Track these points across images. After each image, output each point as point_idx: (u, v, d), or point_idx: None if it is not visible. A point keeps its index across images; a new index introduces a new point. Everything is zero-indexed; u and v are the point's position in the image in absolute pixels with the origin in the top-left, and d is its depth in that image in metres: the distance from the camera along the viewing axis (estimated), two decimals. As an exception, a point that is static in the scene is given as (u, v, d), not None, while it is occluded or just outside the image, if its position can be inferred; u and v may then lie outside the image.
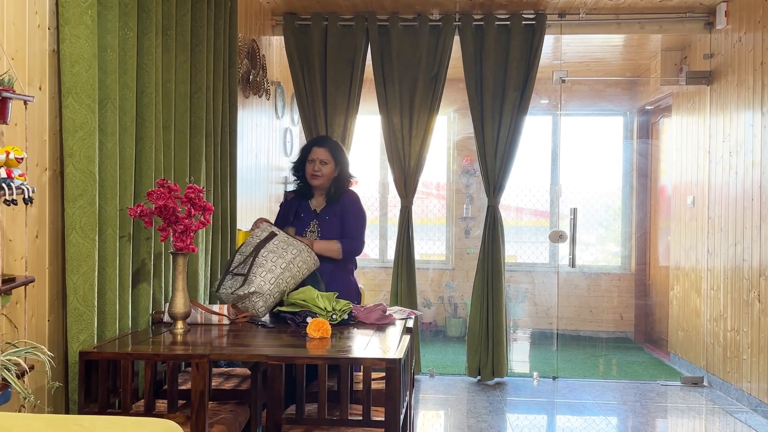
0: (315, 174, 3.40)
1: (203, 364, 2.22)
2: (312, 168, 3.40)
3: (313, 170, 3.40)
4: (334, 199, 3.46)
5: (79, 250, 2.36)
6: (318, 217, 3.45)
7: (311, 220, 3.45)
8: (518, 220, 7.30)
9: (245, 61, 4.56)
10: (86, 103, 2.37)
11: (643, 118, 6.93)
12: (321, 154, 3.41)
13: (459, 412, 4.40)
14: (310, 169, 3.41)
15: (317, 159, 3.39)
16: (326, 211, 3.46)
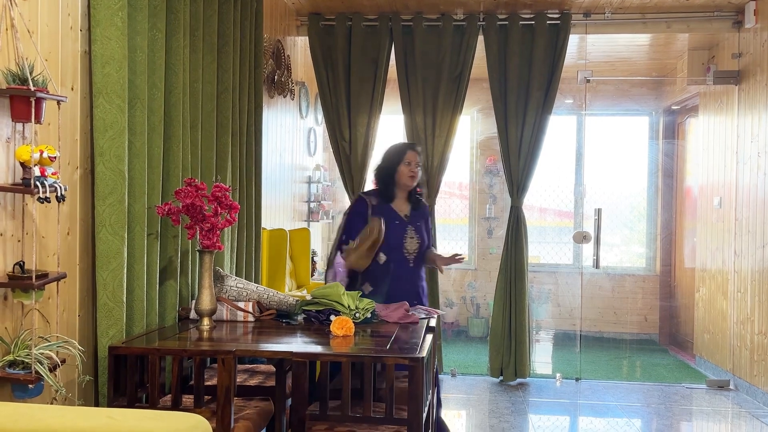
0: (413, 175, 3.42)
1: (229, 360, 2.25)
2: (410, 170, 3.41)
3: (411, 171, 3.41)
4: (419, 204, 3.51)
5: (108, 247, 2.41)
6: (410, 223, 3.45)
7: (406, 227, 3.43)
8: (542, 220, 7.26)
9: (270, 61, 4.61)
10: (116, 102, 2.42)
11: (669, 118, 6.85)
12: (416, 157, 3.45)
13: (481, 412, 4.40)
14: (407, 171, 3.41)
15: (413, 161, 3.43)
16: (414, 217, 3.47)
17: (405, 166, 3.41)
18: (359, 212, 3.41)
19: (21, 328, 2.10)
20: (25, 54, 2.06)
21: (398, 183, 3.41)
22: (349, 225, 3.39)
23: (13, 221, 2.07)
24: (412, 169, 3.41)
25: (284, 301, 2.96)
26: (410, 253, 3.41)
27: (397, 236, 3.38)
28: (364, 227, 3.30)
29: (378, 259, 3.33)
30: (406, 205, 3.47)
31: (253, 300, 2.92)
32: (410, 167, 3.41)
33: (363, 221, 3.36)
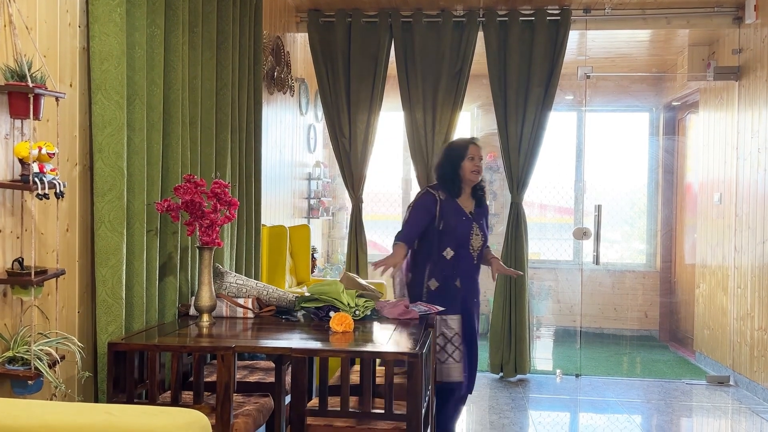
0: (477, 170, 3.40)
1: (228, 356, 2.25)
2: (473, 164, 3.39)
3: (475, 166, 3.40)
4: (482, 201, 3.50)
5: (107, 244, 2.41)
6: (475, 220, 3.45)
7: (472, 223, 3.42)
8: (542, 217, 7.26)
9: (270, 57, 4.60)
10: (115, 99, 2.42)
11: (670, 115, 6.85)
12: (479, 152, 3.43)
13: (481, 408, 4.40)
14: (471, 166, 3.39)
15: (477, 156, 3.40)
16: (478, 214, 3.47)
17: (469, 161, 3.39)
18: (425, 206, 3.38)
19: (20, 325, 2.10)
20: (24, 50, 2.06)
21: (463, 179, 3.39)
22: (414, 218, 3.37)
23: (12, 218, 2.07)
24: (476, 163, 3.39)
25: (284, 298, 2.97)
26: (475, 250, 3.43)
27: (464, 233, 3.37)
28: (429, 221, 3.33)
29: (445, 254, 3.34)
30: (470, 202, 3.45)
31: (252, 296, 2.92)
32: (474, 162, 3.39)
33: (429, 215, 3.35)
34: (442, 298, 3.26)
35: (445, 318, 3.31)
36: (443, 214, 3.36)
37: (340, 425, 2.33)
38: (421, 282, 3.34)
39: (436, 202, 3.36)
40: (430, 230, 3.36)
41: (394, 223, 7.29)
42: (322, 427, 2.32)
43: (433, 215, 3.35)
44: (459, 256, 3.36)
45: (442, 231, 3.35)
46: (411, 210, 3.41)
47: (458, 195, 3.40)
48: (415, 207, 3.41)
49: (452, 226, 3.34)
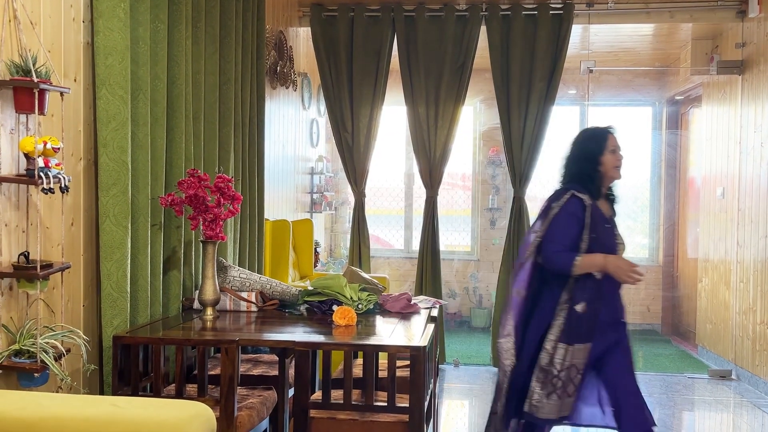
0: (619, 165, 2.79)
1: (232, 349, 2.27)
2: (615, 158, 2.77)
3: (617, 160, 2.78)
4: (615, 202, 2.87)
5: (112, 238, 2.43)
6: (615, 226, 2.82)
7: (614, 231, 2.78)
8: (544, 211, 7.25)
9: (272, 52, 4.61)
10: (119, 94, 2.43)
11: (673, 109, 6.84)
12: (617, 142, 2.81)
13: (483, 401, 4.42)
14: (614, 160, 2.76)
15: (617, 147, 2.79)
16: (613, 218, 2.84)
17: (610, 154, 2.76)
18: (574, 213, 2.69)
19: (26, 318, 2.12)
20: (28, 45, 2.07)
21: (604, 176, 2.76)
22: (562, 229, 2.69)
23: (18, 212, 2.09)
24: (617, 157, 2.78)
25: (287, 292, 2.98)
26: None
27: (611, 243, 2.72)
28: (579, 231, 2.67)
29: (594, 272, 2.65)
30: (606, 204, 2.82)
31: (256, 290, 2.94)
32: (615, 155, 2.77)
33: (578, 225, 2.68)
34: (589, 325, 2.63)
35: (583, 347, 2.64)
36: (593, 222, 2.70)
37: (343, 418, 2.35)
38: (552, 302, 2.67)
39: (584, 209, 2.70)
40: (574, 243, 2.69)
41: (397, 217, 7.31)
42: (325, 420, 2.34)
43: (583, 224, 2.68)
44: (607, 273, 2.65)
45: (590, 243, 2.66)
46: (556, 219, 2.71)
47: (598, 197, 2.76)
48: (562, 214, 2.71)
49: (601, 236, 2.69)
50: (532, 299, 2.74)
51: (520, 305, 2.73)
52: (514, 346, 2.68)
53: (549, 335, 2.63)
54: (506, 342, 2.70)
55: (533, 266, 2.73)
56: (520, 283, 2.74)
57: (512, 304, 2.75)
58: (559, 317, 2.65)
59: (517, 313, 2.72)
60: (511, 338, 2.68)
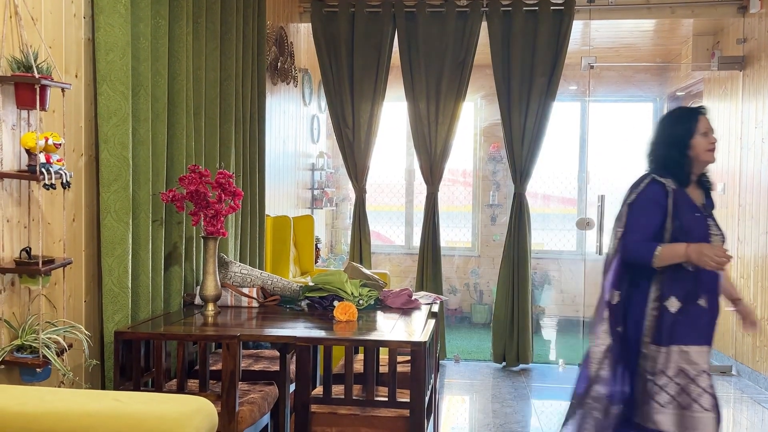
0: (713, 148, 2.58)
1: (234, 344, 2.27)
2: (708, 141, 2.56)
3: (710, 143, 2.57)
4: (710, 191, 2.67)
5: (113, 234, 2.43)
6: (709, 216, 2.60)
7: (707, 220, 2.56)
8: (545, 207, 7.27)
9: (273, 48, 4.61)
10: (120, 90, 2.43)
11: (674, 104, 6.83)
12: (710, 124, 2.61)
13: (484, 397, 4.43)
14: (706, 144, 2.55)
15: (710, 129, 2.60)
16: (708, 208, 2.63)
17: (701, 137, 2.56)
18: (655, 200, 2.50)
19: (28, 314, 2.12)
20: (29, 41, 2.07)
21: (695, 161, 2.55)
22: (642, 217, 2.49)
23: (19, 208, 2.09)
24: (710, 140, 2.57)
25: (288, 287, 2.99)
26: None
27: (702, 233, 2.50)
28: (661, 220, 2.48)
29: (685, 264, 2.43)
30: (698, 192, 2.61)
31: (257, 286, 2.95)
32: (708, 138, 2.57)
33: (661, 212, 2.48)
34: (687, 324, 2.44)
35: (686, 350, 2.43)
36: (677, 209, 2.49)
37: (344, 413, 2.36)
38: (643, 301, 2.48)
39: (666, 194, 2.50)
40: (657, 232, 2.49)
41: (398, 213, 7.32)
42: (326, 415, 2.35)
43: (665, 212, 2.49)
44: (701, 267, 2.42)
45: (674, 232, 2.47)
46: (635, 206, 2.52)
47: (687, 183, 2.56)
48: (641, 202, 2.52)
49: (688, 224, 2.47)
50: (623, 300, 2.52)
51: (611, 308, 2.50)
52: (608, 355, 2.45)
53: (644, 338, 2.43)
54: (598, 349, 2.47)
55: (620, 264, 2.50)
56: (608, 283, 2.52)
57: (602, 307, 2.52)
58: (651, 317, 2.46)
59: (609, 316, 2.49)
60: (604, 345, 2.46)
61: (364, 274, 3.04)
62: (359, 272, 3.05)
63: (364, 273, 3.05)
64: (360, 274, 3.03)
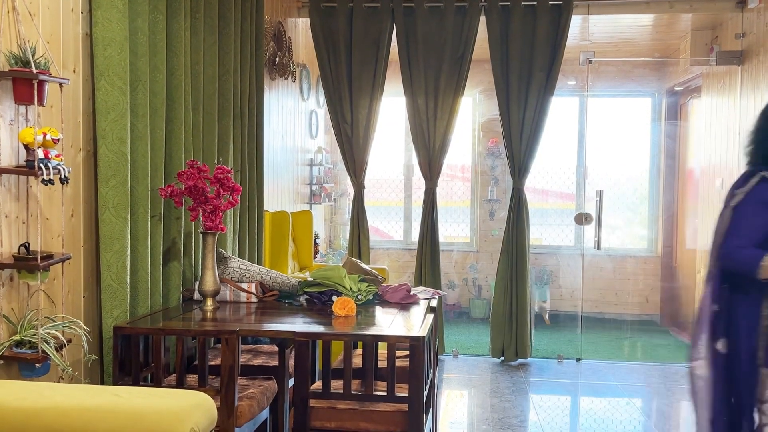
0: None
1: (233, 339, 2.28)
2: None
3: None
4: None
5: (112, 229, 2.43)
6: None
7: None
8: (544, 202, 7.27)
9: (271, 43, 4.60)
10: (118, 85, 2.43)
11: (672, 100, 6.83)
12: None
13: (482, 391, 4.44)
14: None
15: None
16: None
17: None
18: (763, 200, 2.24)
19: (27, 309, 2.13)
20: (27, 36, 2.07)
21: None
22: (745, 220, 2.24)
23: (18, 203, 2.09)
24: None
25: (287, 283, 2.99)
26: None
27: None
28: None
29: None
30: None
31: (256, 281, 2.95)
32: None
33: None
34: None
35: None
36: None
37: (343, 407, 2.36)
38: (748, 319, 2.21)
39: None
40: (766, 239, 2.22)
41: (396, 209, 7.32)
42: (324, 410, 2.36)
43: None
44: None
45: None
46: (740, 208, 2.27)
47: None
48: (748, 203, 2.25)
49: None
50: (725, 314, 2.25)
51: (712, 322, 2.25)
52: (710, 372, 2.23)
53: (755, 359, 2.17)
54: (700, 367, 2.27)
55: (721, 273, 2.26)
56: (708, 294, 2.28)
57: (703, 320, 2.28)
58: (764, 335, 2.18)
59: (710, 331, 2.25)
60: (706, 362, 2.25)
61: (362, 269, 3.04)
62: (358, 267, 3.05)
63: (363, 268, 3.05)
64: (358, 269, 3.04)
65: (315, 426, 2.35)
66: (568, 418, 4.00)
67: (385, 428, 2.32)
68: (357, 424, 2.33)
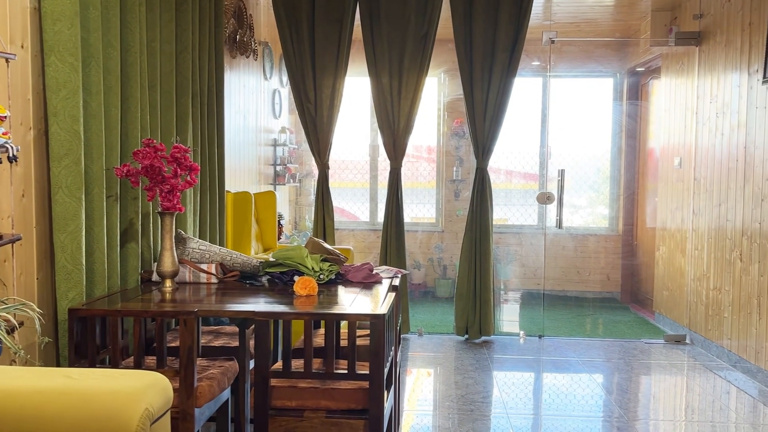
0: None
1: (191, 320, 2.26)
2: None
3: None
4: None
5: (65, 209, 2.38)
6: None
7: None
8: (508, 183, 7.34)
9: (232, 20, 4.52)
10: (69, 61, 2.36)
11: (633, 80, 6.92)
12: None
13: (446, 369, 4.49)
14: None
15: None
16: None
17: None
18: None
19: (-24, 291, 2.07)
20: (-30, 9, 1.99)
21: None
22: None
23: (-36, 183, 2.03)
24: None
25: (248, 263, 2.97)
26: None
27: None
28: None
29: None
30: None
31: (216, 262, 2.92)
32: None
33: None
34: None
35: None
36: None
37: (304, 386, 2.37)
38: None
39: None
40: None
41: (362, 189, 7.31)
42: (285, 389, 2.35)
43: None
44: None
45: None
46: None
47: None
48: None
49: None
50: None
51: None
52: None
53: None
54: None
55: None
56: None
57: None
58: None
59: None
60: None
61: (324, 249, 3.03)
62: (320, 247, 3.04)
63: (325, 248, 3.04)
64: (321, 249, 3.03)
65: (276, 405, 2.35)
66: (530, 393, 4.07)
67: (345, 405, 2.33)
68: (318, 402, 2.34)
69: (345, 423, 2.31)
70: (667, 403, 3.89)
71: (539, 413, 3.68)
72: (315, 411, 2.34)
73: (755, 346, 4.27)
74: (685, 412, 3.71)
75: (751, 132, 4.32)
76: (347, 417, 2.32)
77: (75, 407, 1.48)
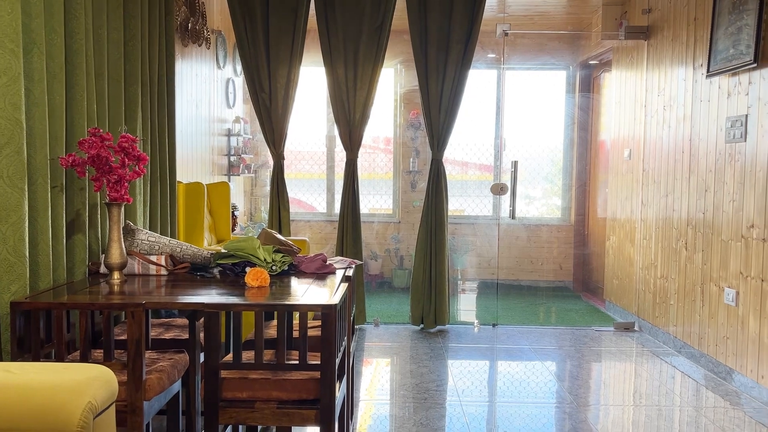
0: None
1: (139, 312, 2.22)
2: None
3: None
4: None
5: (7, 200, 2.31)
6: None
7: None
8: (464, 174, 7.40)
9: (183, 8, 4.44)
10: (9, 47, 2.29)
11: (585, 73, 7.05)
12: None
13: (402, 358, 4.52)
14: None
15: None
16: None
17: None
18: None
19: None
20: None
21: None
22: None
23: None
24: None
25: (199, 255, 2.93)
26: None
27: None
28: None
29: None
30: None
31: (165, 253, 2.88)
32: None
33: None
34: None
35: None
36: None
37: (255, 377, 2.36)
38: None
39: None
40: None
41: (319, 181, 7.28)
42: (236, 380, 2.34)
43: None
44: None
45: None
46: None
47: None
48: None
49: None
50: None
51: None
52: None
53: None
54: None
55: None
56: None
57: None
58: None
59: None
60: None
61: (277, 240, 3.02)
62: (273, 238, 3.02)
63: (278, 239, 3.03)
64: (273, 240, 3.01)
65: (226, 397, 2.34)
66: (484, 381, 4.13)
67: (297, 396, 2.33)
68: (269, 393, 2.33)
69: (296, 413, 2.31)
70: (616, 388, 4.00)
71: (493, 401, 3.75)
72: (266, 402, 2.33)
73: (698, 332, 4.42)
74: (633, 397, 3.82)
75: (696, 125, 4.45)
76: (298, 407, 2.32)
77: (15, 402, 1.45)
